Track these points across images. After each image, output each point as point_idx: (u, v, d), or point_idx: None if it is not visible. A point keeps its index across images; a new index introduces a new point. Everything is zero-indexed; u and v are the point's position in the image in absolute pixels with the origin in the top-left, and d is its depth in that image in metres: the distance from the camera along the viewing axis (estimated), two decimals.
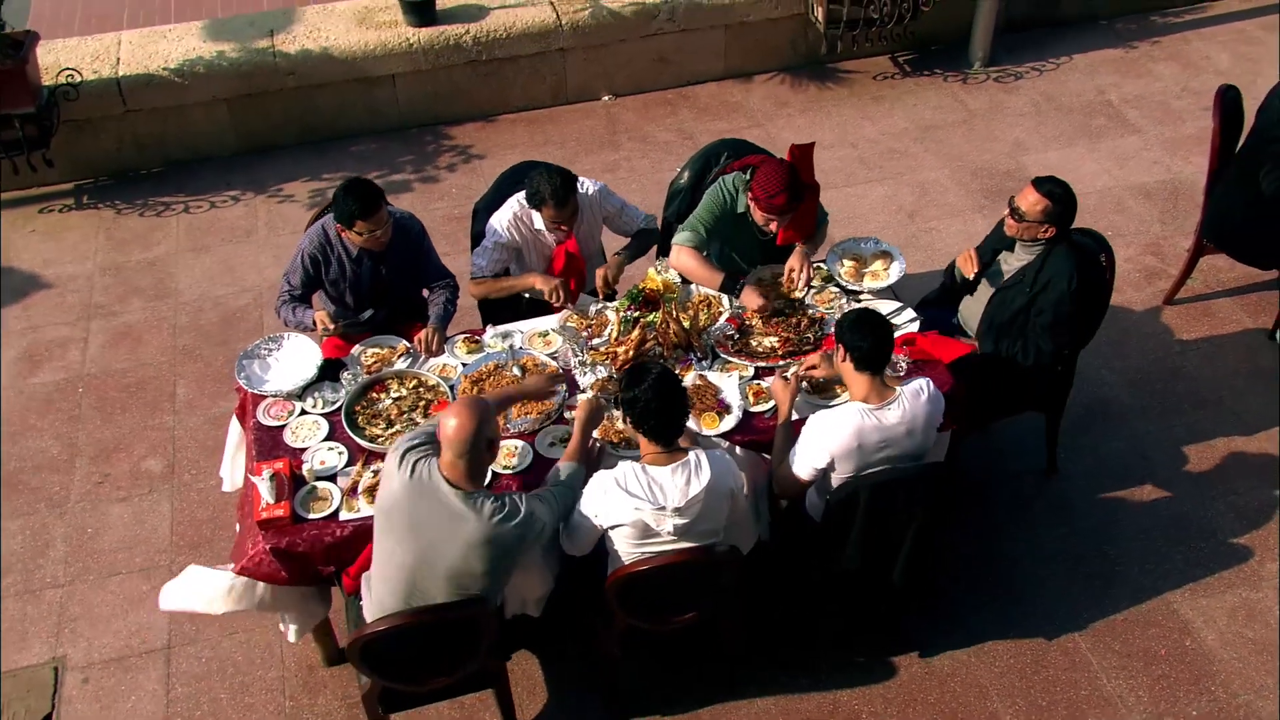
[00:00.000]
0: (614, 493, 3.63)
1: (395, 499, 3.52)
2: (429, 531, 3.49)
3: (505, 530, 3.50)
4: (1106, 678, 4.35)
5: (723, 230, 4.77)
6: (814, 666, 4.39)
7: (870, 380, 3.82)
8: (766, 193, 4.46)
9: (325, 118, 6.98)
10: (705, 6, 7.15)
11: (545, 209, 4.53)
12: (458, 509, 3.46)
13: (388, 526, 3.57)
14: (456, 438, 3.43)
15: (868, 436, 3.79)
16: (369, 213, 4.36)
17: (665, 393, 3.62)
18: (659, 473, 3.63)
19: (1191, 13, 8.06)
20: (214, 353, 5.76)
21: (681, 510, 3.61)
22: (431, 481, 3.49)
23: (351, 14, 7.01)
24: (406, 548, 3.52)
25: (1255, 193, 5.24)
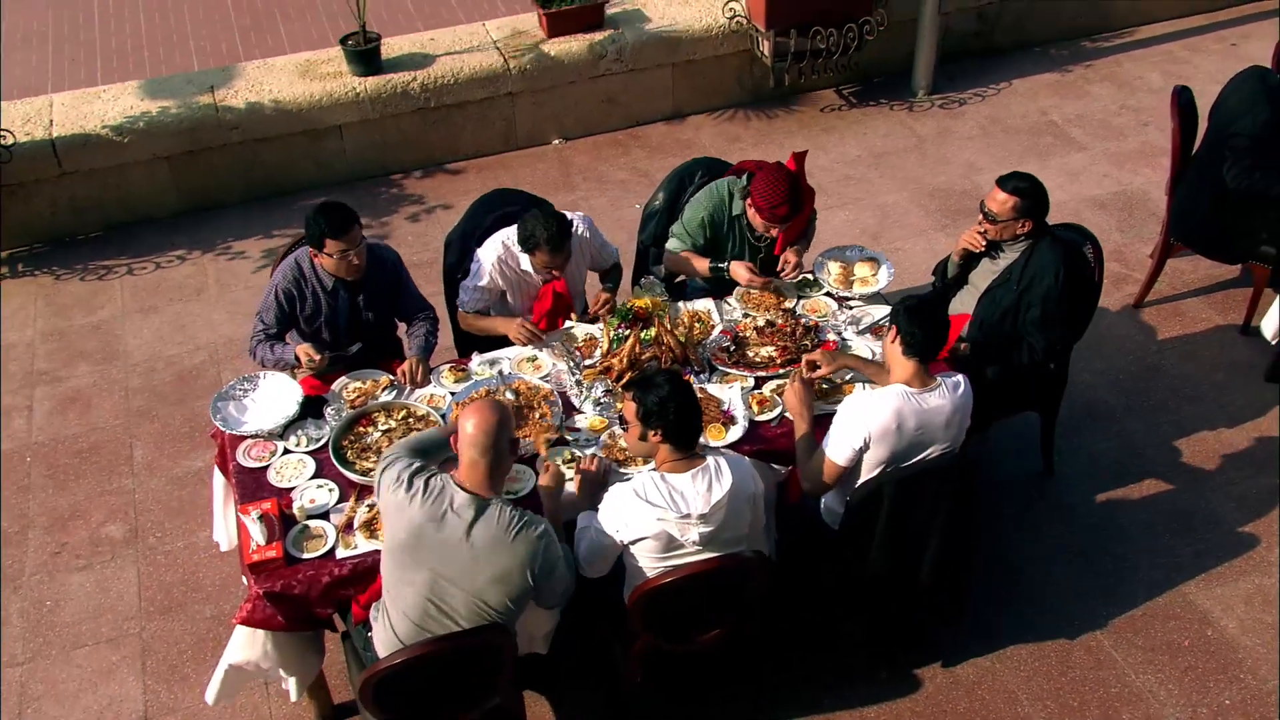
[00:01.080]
0: (634, 505, 3.46)
1: (416, 525, 3.30)
2: (453, 550, 3.28)
3: (527, 538, 3.31)
4: (1134, 673, 4.24)
5: (716, 233, 4.69)
6: (836, 685, 4.22)
7: (916, 367, 3.73)
8: (769, 203, 4.40)
9: (271, 173, 6.78)
10: (652, 45, 7.14)
11: (539, 254, 4.36)
12: (479, 515, 3.28)
13: (412, 560, 3.33)
14: (479, 436, 3.28)
15: (907, 419, 3.68)
16: (340, 231, 4.18)
17: (682, 392, 3.49)
18: (679, 480, 3.47)
19: (1118, 38, 8.27)
20: (171, 412, 5.47)
21: (706, 517, 3.44)
22: (447, 492, 3.31)
23: (293, 67, 6.86)
24: (431, 573, 3.30)
25: (1218, 189, 5.31)
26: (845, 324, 4.51)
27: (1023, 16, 8.01)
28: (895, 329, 3.75)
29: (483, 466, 3.31)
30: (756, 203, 4.46)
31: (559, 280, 4.60)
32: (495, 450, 3.30)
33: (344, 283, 4.39)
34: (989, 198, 4.42)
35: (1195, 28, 8.38)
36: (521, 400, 4.16)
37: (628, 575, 3.68)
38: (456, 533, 3.28)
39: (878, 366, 4.16)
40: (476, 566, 3.28)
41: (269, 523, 3.70)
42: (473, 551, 3.27)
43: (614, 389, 4.21)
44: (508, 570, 3.30)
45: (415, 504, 3.31)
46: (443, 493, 3.31)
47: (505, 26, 7.24)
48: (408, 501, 3.32)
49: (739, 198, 4.65)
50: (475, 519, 3.28)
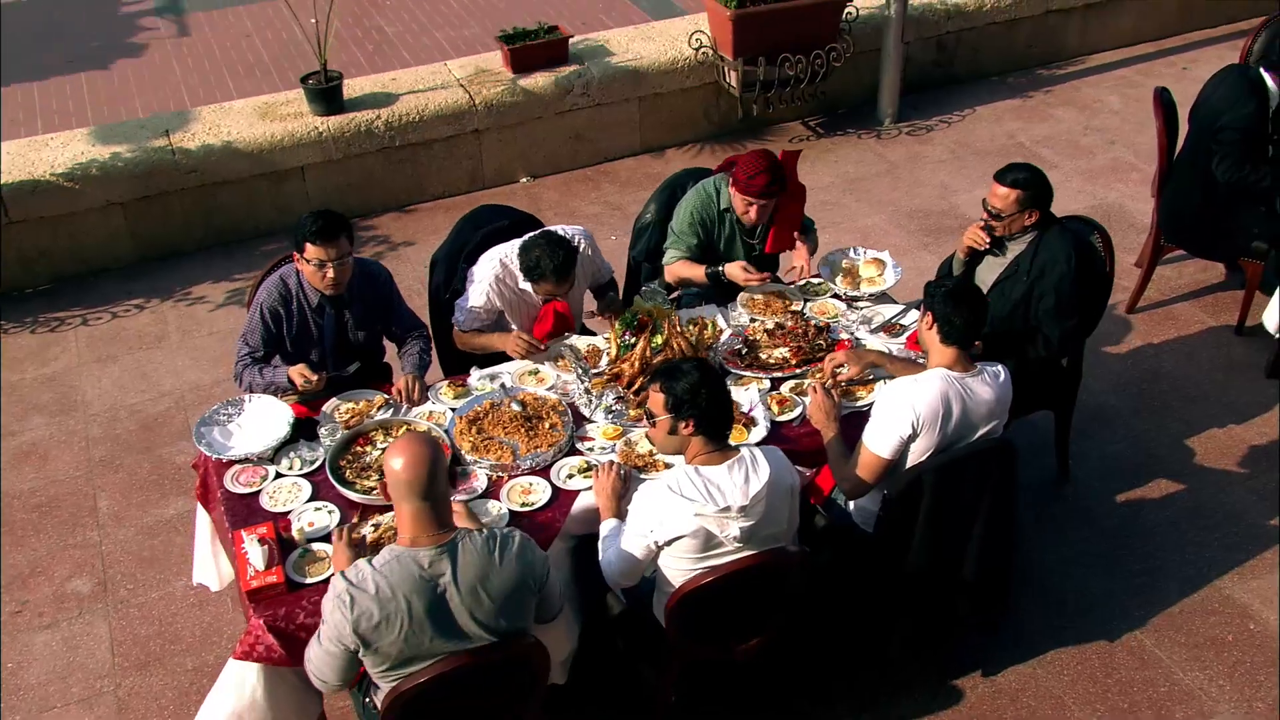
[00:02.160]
0: (669, 501, 3.22)
1: (405, 623, 2.89)
2: (453, 608, 2.94)
3: (508, 550, 2.99)
4: (1181, 671, 4.06)
5: (708, 231, 4.54)
6: (875, 699, 3.98)
7: (956, 353, 3.56)
8: (746, 174, 4.30)
9: (232, 217, 6.52)
10: (618, 79, 7.05)
11: (543, 284, 4.14)
12: (454, 558, 2.92)
13: (403, 659, 2.95)
14: (411, 477, 2.88)
15: (953, 404, 3.49)
16: (324, 236, 3.93)
17: (712, 378, 3.28)
18: (714, 473, 3.24)
19: (1071, 66, 8.38)
20: (137, 461, 5.13)
21: (747, 510, 3.21)
22: (407, 574, 2.89)
23: (251, 109, 6.64)
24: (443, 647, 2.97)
25: (1207, 186, 5.29)
26: (857, 324, 4.36)
27: (979, 46, 8.08)
28: (931, 316, 3.59)
29: (426, 512, 2.92)
30: (736, 178, 4.34)
31: (560, 300, 4.40)
32: (431, 489, 2.91)
33: (331, 299, 4.15)
34: (990, 195, 4.31)
35: (1145, 54, 8.52)
36: (529, 411, 3.92)
37: (659, 585, 3.43)
38: (448, 592, 2.93)
39: (903, 362, 4.00)
40: (478, 606, 2.95)
41: (268, 547, 3.39)
42: (470, 596, 2.94)
43: (625, 395, 3.99)
44: (507, 590, 2.98)
45: (387, 594, 2.89)
46: (403, 560, 2.90)
47: (468, 65, 7.11)
48: (374, 601, 2.88)
49: (726, 192, 4.51)
50: (454, 565, 2.93)
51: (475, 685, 3.03)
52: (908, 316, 4.38)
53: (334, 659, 2.97)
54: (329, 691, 3.12)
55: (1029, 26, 8.16)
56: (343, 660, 2.97)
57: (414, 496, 2.92)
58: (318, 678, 3.05)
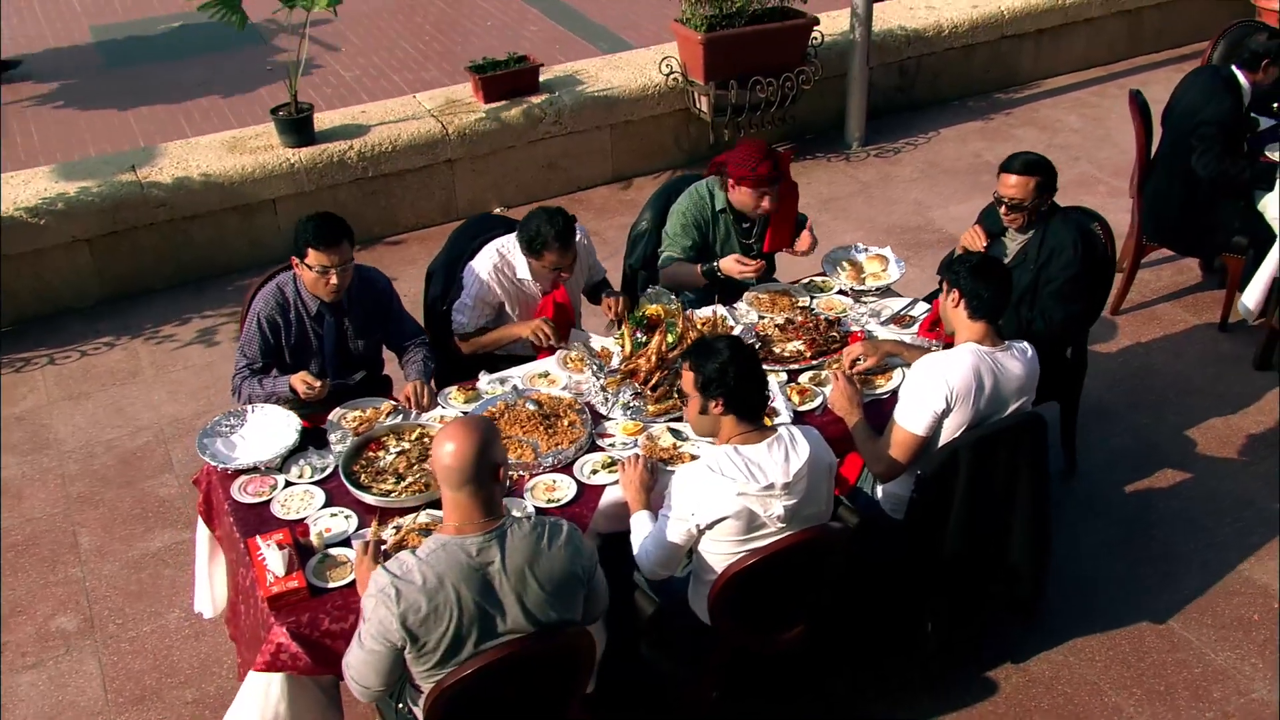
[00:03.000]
0: (710, 481, 3.12)
1: (455, 613, 2.75)
2: (503, 596, 2.81)
3: (557, 537, 2.88)
4: (1213, 652, 4.01)
5: (703, 232, 4.50)
6: (907, 694, 3.88)
7: (985, 327, 3.52)
8: (750, 166, 4.29)
9: (202, 253, 6.36)
10: (589, 107, 7.04)
11: (547, 254, 4.08)
12: (502, 544, 2.79)
13: (451, 653, 2.80)
14: (458, 463, 2.75)
15: (985, 377, 3.45)
16: (326, 241, 3.84)
17: (744, 357, 3.19)
18: (753, 451, 3.15)
19: (1027, 89, 8.54)
20: (118, 495, 4.91)
21: (790, 488, 3.12)
22: (451, 550, 2.76)
23: (220, 143, 6.52)
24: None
25: (1187, 183, 5.37)
26: (866, 316, 4.32)
27: (938, 72, 8.22)
28: (958, 292, 3.56)
29: (473, 498, 2.79)
30: (739, 173, 4.32)
31: (559, 289, 4.32)
32: (478, 478, 2.77)
33: (330, 306, 4.02)
34: (1002, 187, 4.29)
35: (1096, 78, 8.72)
36: (546, 410, 3.81)
37: (698, 575, 3.32)
38: (497, 580, 2.80)
39: (920, 350, 3.97)
40: (528, 594, 2.82)
41: (287, 551, 3.23)
42: (520, 584, 2.81)
43: (643, 391, 3.90)
44: (556, 578, 2.86)
45: (434, 582, 2.76)
46: (443, 547, 2.77)
47: (438, 97, 7.06)
48: (420, 589, 2.75)
49: (719, 191, 4.49)
50: (503, 552, 2.80)
51: (520, 679, 2.88)
52: (916, 308, 4.37)
53: (378, 659, 2.80)
54: (369, 699, 2.93)
55: (985, 51, 8.32)
56: (388, 660, 2.80)
57: (461, 482, 2.79)
58: (359, 684, 2.88)
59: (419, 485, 3.50)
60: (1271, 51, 5.27)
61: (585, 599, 2.98)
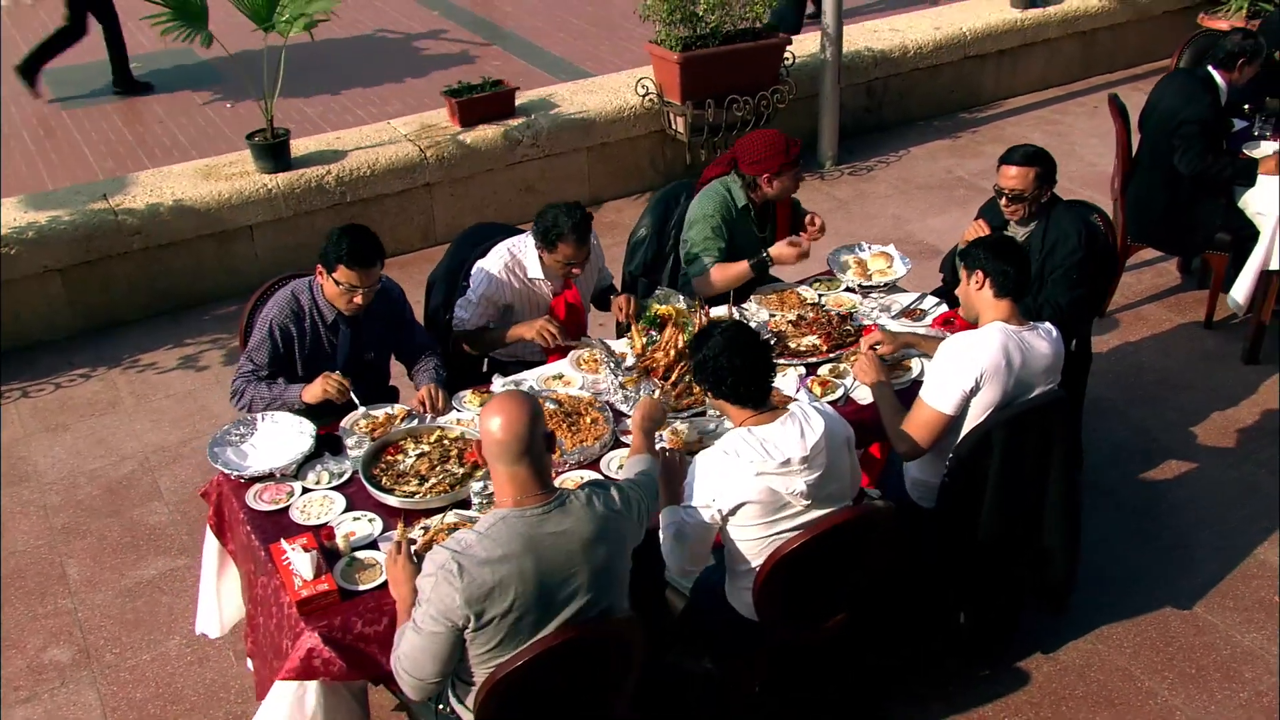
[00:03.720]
0: (727, 465, 3.05)
1: (518, 587, 2.67)
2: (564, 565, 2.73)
3: (612, 499, 2.84)
4: (1239, 634, 4.00)
5: (732, 232, 4.47)
6: (941, 687, 3.82)
7: (1010, 306, 3.50)
8: (783, 152, 4.32)
9: (178, 282, 6.20)
10: (566, 129, 7.02)
11: (562, 246, 4.02)
12: (562, 514, 2.73)
13: (513, 631, 2.71)
14: (509, 437, 2.69)
15: (1013, 355, 3.42)
16: (360, 261, 3.73)
17: (738, 346, 3.11)
18: (767, 431, 3.08)
19: (990, 109, 8.68)
20: (106, 525, 4.72)
21: (809, 461, 3.05)
22: (511, 523, 2.70)
23: (193, 171, 6.39)
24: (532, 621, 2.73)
25: (1170, 183, 5.45)
26: (877, 311, 4.30)
27: (905, 92, 8.32)
28: (980, 273, 3.54)
29: (523, 474, 2.72)
30: (776, 163, 4.31)
31: (571, 288, 4.26)
32: (534, 448, 2.72)
33: (346, 316, 3.92)
34: (1002, 179, 4.32)
35: (1055, 97, 8.89)
36: (566, 408, 3.73)
37: (732, 567, 3.25)
38: (559, 551, 2.72)
39: (936, 340, 3.95)
40: (589, 563, 2.74)
41: (314, 554, 3.10)
42: (583, 553, 2.74)
43: (663, 387, 3.83)
44: (616, 540, 2.80)
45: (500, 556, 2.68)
46: (499, 521, 2.71)
47: (413, 122, 7.00)
48: (485, 565, 2.66)
49: (739, 190, 4.46)
50: (564, 522, 2.73)
51: (573, 667, 2.78)
52: (926, 301, 4.36)
53: (437, 643, 2.69)
54: (423, 694, 2.80)
55: (950, 72, 8.45)
56: (448, 643, 2.69)
57: (514, 457, 2.72)
58: (412, 676, 2.75)
59: (443, 486, 3.40)
60: (1247, 51, 5.38)
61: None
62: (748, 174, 4.43)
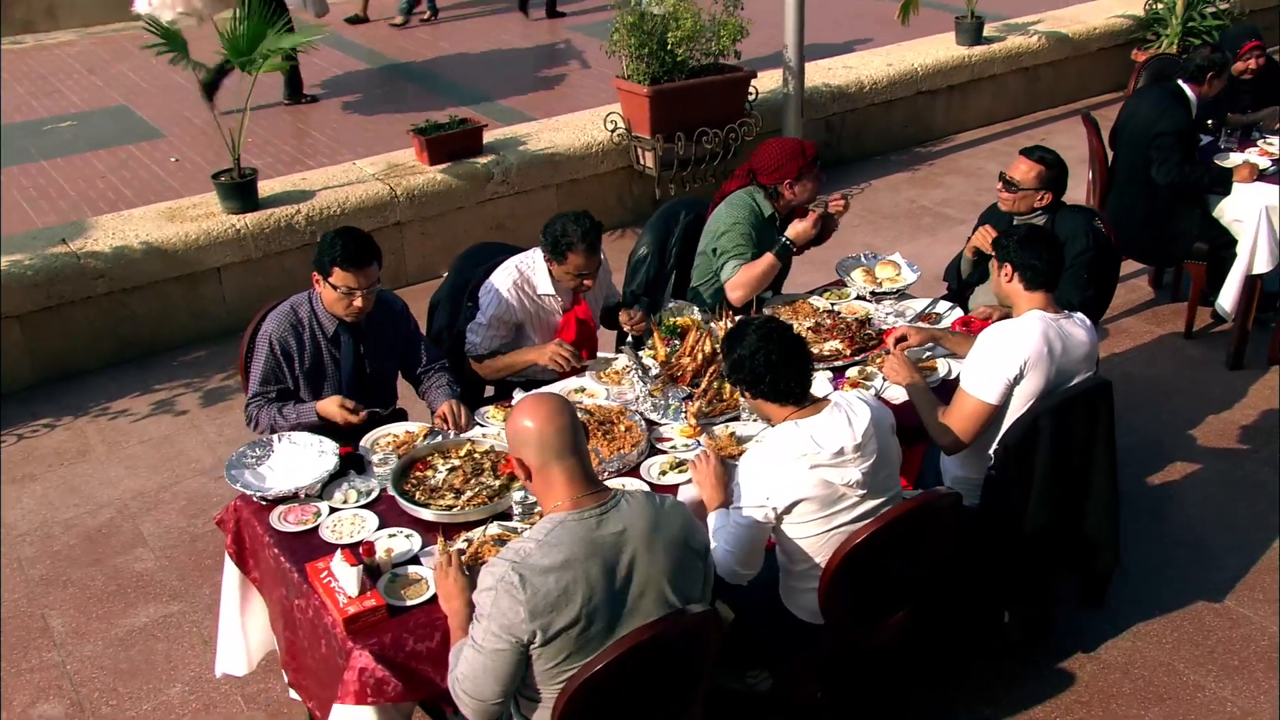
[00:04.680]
0: (780, 461, 2.96)
1: (585, 594, 2.52)
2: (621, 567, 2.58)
3: (663, 501, 2.70)
4: (1275, 624, 3.99)
5: (761, 238, 4.43)
6: (989, 691, 3.73)
7: (1044, 297, 3.48)
8: (802, 155, 4.36)
9: (144, 327, 5.95)
10: (535, 166, 6.95)
11: (572, 256, 3.92)
12: (618, 512, 2.60)
13: (582, 643, 2.55)
14: (555, 430, 2.58)
15: (1054, 343, 3.40)
16: (355, 262, 3.63)
17: (775, 341, 3.05)
18: (814, 422, 3.01)
19: (943, 144, 8.83)
20: (88, 574, 4.44)
21: (861, 449, 2.97)
22: (571, 527, 2.54)
23: (156, 214, 6.17)
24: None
25: (1148, 195, 5.55)
26: (892, 317, 4.27)
27: (861, 127, 8.43)
28: (1010, 266, 3.53)
29: (576, 467, 2.60)
30: (795, 167, 4.32)
31: (582, 304, 4.15)
32: (577, 443, 2.62)
33: (347, 327, 3.77)
34: (1012, 168, 4.39)
35: (1004, 131, 9.09)
36: (598, 417, 3.61)
37: (788, 569, 3.15)
38: (624, 552, 2.58)
39: (961, 338, 3.93)
40: (655, 564, 2.59)
41: (358, 569, 2.92)
42: (647, 553, 2.59)
43: (693, 394, 3.73)
44: (677, 544, 2.64)
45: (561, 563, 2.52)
46: (578, 554, 2.52)
47: (379, 162, 6.87)
48: (548, 572, 2.51)
49: (764, 201, 4.43)
50: (625, 522, 2.58)
51: (653, 666, 2.62)
52: (940, 305, 4.34)
53: (501, 661, 2.51)
54: (484, 718, 2.62)
55: (903, 107, 8.58)
56: (512, 661, 2.52)
57: (564, 452, 2.59)
58: (473, 698, 2.58)
59: (481, 498, 3.25)
60: (1215, 64, 5.53)
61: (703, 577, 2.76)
62: (768, 183, 4.40)
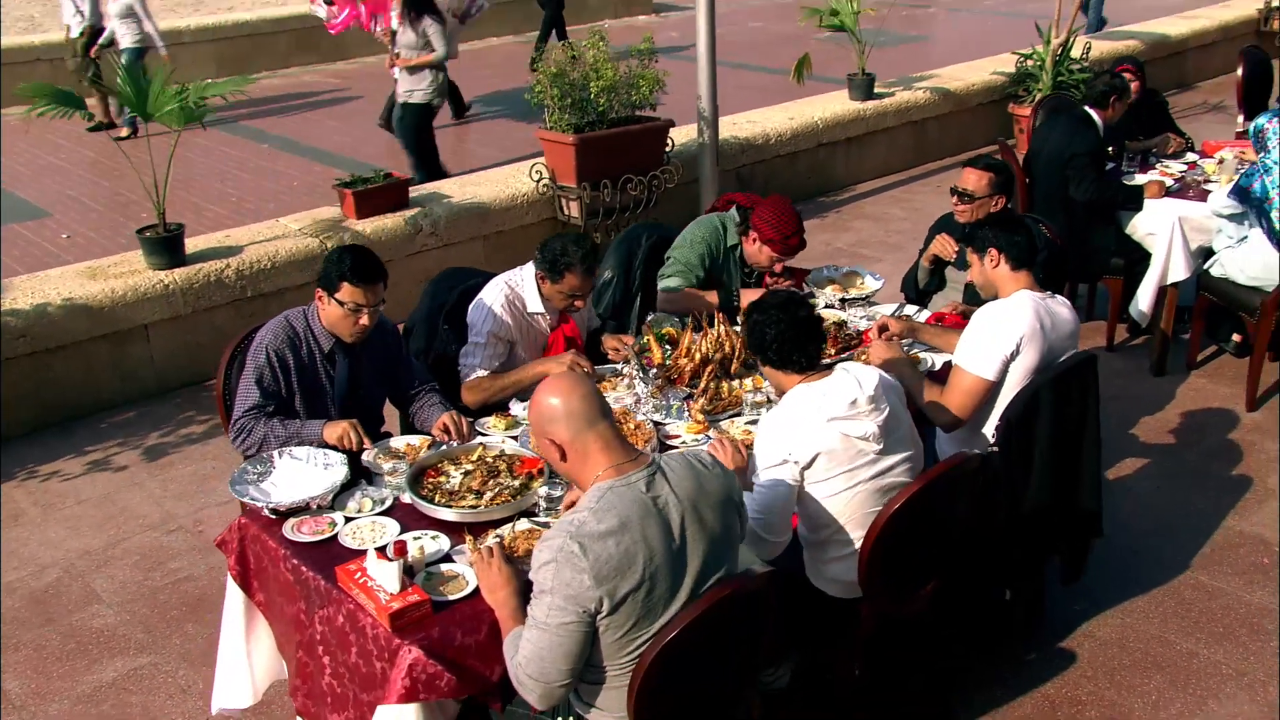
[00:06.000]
0: (795, 417, 3.06)
1: (645, 558, 2.49)
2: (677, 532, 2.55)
3: (704, 461, 2.70)
4: (1247, 593, 4.17)
5: (713, 266, 4.52)
6: (998, 675, 3.77)
7: (1028, 276, 3.62)
8: (782, 234, 4.37)
9: (67, 390, 5.66)
10: (463, 217, 6.93)
11: (569, 276, 3.91)
12: (664, 477, 2.58)
13: (647, 607, 2.51)
14: (583, 395, 2.60)
15: (1044, 318, 3.53)
16: (364, 278, 3.56)
17: (788, 312, 3.16)
18: (823, 383, 3.11)
19: (845, 193, 9.16)
20: (40, 635, 4.15)
21: (875, 400, 3.06)
22: (620, 491, 2.52)
23: (75, 273, 5.92)
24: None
25: (1066, 215, 5.83)
26: (865, 320, 4.37)
27: (769, 177, 8.68)
28: (994, 250, 3.67)
29: (613, 432, 2.61)
30: (766, 234, 4.37)
31: (569, 322, 4.14)
32: (605, 409, 2.64)
33: (344, 345, 3.68)
34: (961, 180, 4.58)
35: (899, 181, 9.48)
36: None
37: (811, 539, 3.17)
38: (673, 514, 2.55)
39: (939, 330, 4.06)
40: (702, 525, 2.58)
41: (397, 565, 2.81)
42: (693, 511, 2.57)
43: (692, 393, 3.75)
44: (719, 501, 2.64)
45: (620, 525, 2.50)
46: (634, 517, 2.50)
47: (304, 218, 6.76)
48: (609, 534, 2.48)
49: (733, 230, 4.52)
50: (669, 483, 2.57)
51: (724, 630, 2.59)
52: (907, 309, 4.47)
53: (568, 636, 2.45)
54: (551, 701, 2.55)
55: (806, 159, 8.89)
56: (579, 635, 2.47)
57: (594, 419, 2.60)
58: (539, 680, 2.50)
59: (504, 496, 3.18)
60: (1117, 89, 5.91)
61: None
62: (756, 226, 4.46)
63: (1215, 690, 3.71)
